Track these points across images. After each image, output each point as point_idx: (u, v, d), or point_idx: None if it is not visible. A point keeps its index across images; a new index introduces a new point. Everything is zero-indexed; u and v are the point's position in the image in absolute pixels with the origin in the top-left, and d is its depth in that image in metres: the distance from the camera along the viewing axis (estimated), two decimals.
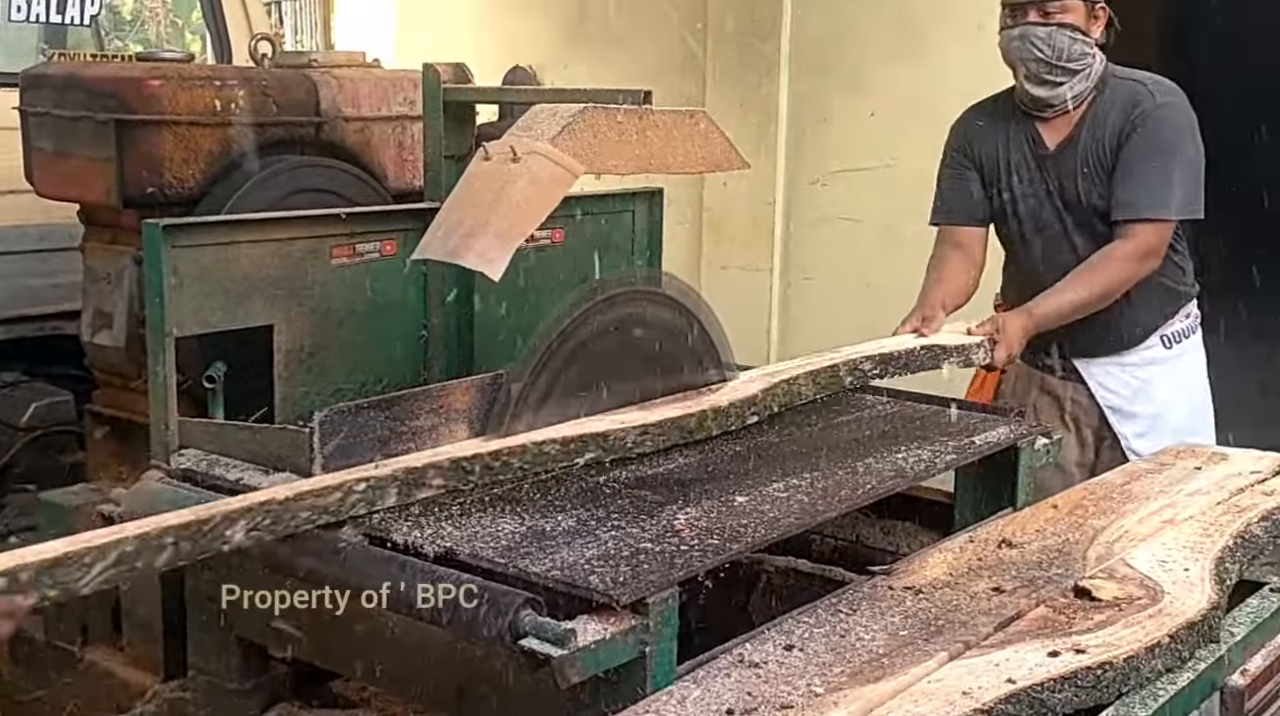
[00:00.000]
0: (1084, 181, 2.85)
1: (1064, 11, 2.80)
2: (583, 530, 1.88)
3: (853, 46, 4.56)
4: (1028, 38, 2.80)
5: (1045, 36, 2.79)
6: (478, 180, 2.10)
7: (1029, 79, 2.85)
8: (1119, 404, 2.97)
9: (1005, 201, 2.97)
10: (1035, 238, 2.95)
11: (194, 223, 2.34)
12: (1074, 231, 2.90)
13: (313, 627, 2.02)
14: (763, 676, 1.63)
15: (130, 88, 2.63)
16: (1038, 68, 2.82)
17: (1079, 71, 2.82)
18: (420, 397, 2.19)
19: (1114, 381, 2.97)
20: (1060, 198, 2.90)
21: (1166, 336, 2.97)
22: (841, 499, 2.08)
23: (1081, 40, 2.81)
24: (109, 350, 2.77)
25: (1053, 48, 2.80)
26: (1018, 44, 2.82)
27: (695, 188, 4.94)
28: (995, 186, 2.99)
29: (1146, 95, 2.83)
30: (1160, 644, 1.69)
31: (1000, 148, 2.97)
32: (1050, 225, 2.93)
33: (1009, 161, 2.95)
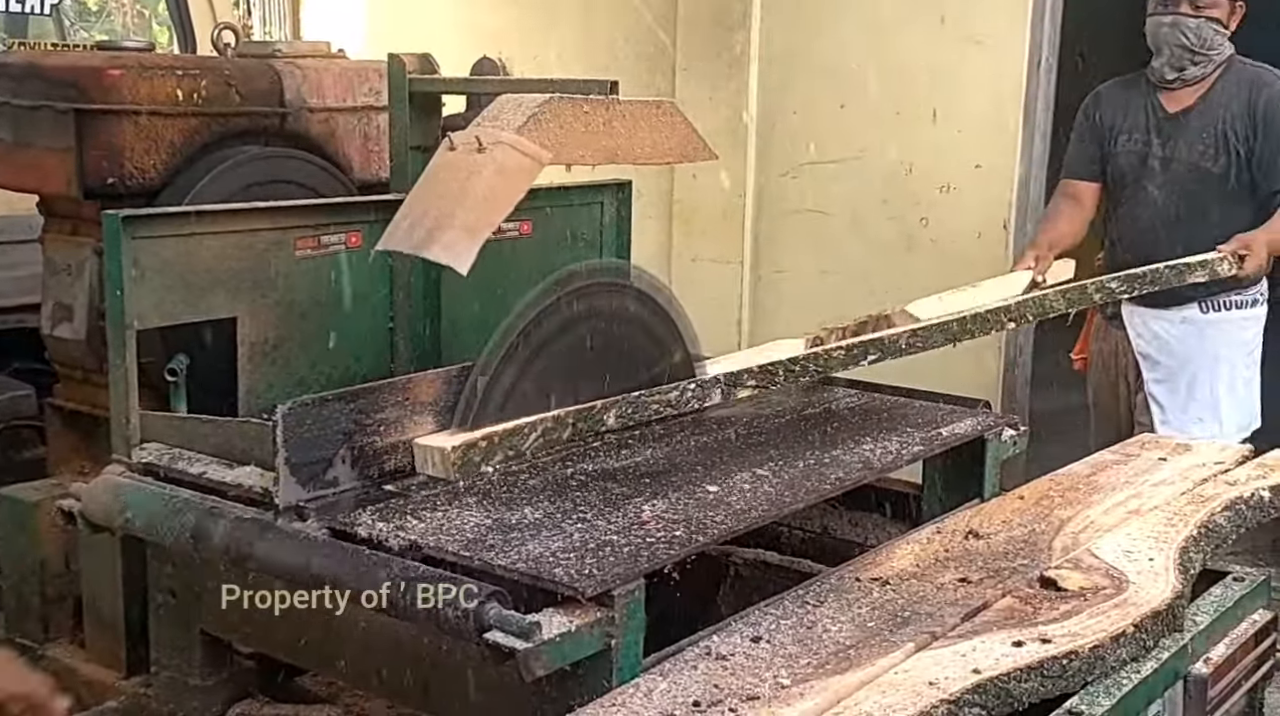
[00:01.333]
0: (1198, 144, 3.25)
1: (1213, 6, 3.22)
2: (549, 523, 1.87)
3: (822, 38, 4.56)
4: (1179, 26, 3.21)
5: (1195, 27, 3.21)
6: (443, 171, 2.08)
7: (1170, 61, 3.25)
8: (1147, 352, 3.36)
9: (1113, 155, 3.40)
10: (1127, 189, 3.37)
11: (155, 214, 2.31)
12: (1159, 188, 3.31)
13: (277, 622, 2.00)
14: (729, 668, 1.63)
15: (90, 77, 2.59)
16: (1181, 53, 3.23)
17: (1212, 58, 3.24)
18: (386, 390, 2.16)
19: (1148, 331, 3.36)
20: (1161, 155, 3.31)
21: (1207, 302, 3.29)
22: (809, 490, 2.08)
23: (1221, 32, 3.24)
24: (69, 343, 2.73)
25: (1199, 37, 3.21)
26: (1168, 30, 3.23)
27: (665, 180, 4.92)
28: (1109, 145, 3.41)
29: (1273, 76, 3.24)
30: (1125, 633, 1.70)
31: (1121, 112, 3.40)
32: (1138, 180, 3.34)
33: (1124, 123, 3.37)
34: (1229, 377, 3.33)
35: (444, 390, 2.20)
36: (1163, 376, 3.33)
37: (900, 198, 4.41)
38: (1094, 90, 3.53)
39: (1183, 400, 3.32)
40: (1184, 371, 3.31)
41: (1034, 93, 4.14)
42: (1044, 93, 4.17)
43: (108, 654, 2.39)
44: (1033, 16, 4.09)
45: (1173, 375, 3.32)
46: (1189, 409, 3.30)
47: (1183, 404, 3.31)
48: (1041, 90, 4.15)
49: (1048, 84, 4.17)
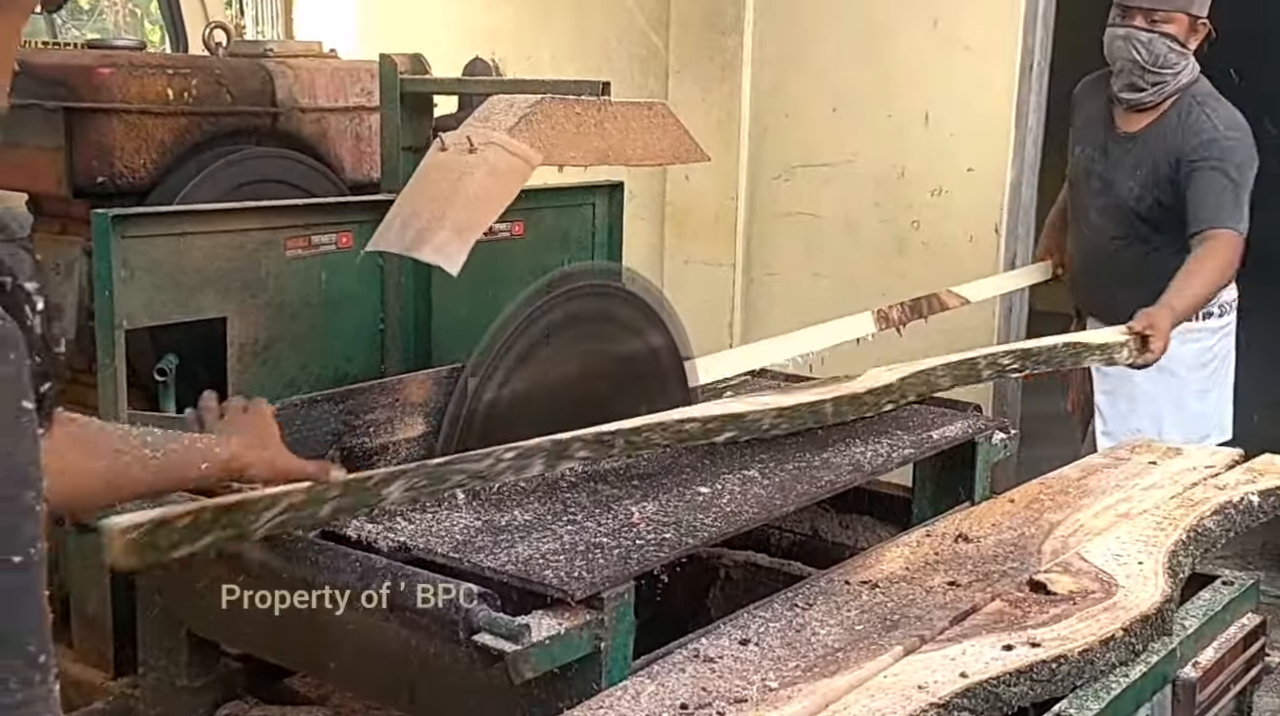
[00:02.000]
0: (1130, 178, 3.15)
1: (1169, 22, 3.05)
2: (538, 524, 1.87)
3: (815, 42, 4.56)
4: (1131, 39, 3.07)
5: (1146, 42, 3.05)
6: (434, 172, 2.08)
7: (1123, 78, 3.13)
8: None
9: (1071, 161, 3.36)
10: (1076, 200, 3.34)
11: (145, 213, 2.30)
12: (1097, 212, 3.24)
13: (265, 623, 1.99)
14: (717, 671, 1.63)
15: (80, 75, 2.58)
16: (1132, 68, 3.09)
17: (1166, 80, 3.09)
18: (376, 391, 2.17)
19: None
20: (1102, 176, 3.22)
21: None
22: (799, 493, 2.07)
23: (1178, 51, 3.06)
24: None
25: (1150, 53, 3.06)
26: (1120, 43, 3.09)
27: (657, 182, 4.93)
28: (1071, 147, 3.36)
29: (1212, 127, 3.06)
30: (1114, 637, 1.70)
31: (1086, 116, 3.33)
32: (1083, 196, 3.29)
33: (1084, 130, 3.31)
34: (1175, 391, 3.20)
35: (434, 391, 2.20)
36: (1108, 387, 3.25)
37: (892, 201, 4.42)
38: (1080, 83, 3.45)
39: (1124, 411, 3.22)
40: (1127, 382, 3.18)
41: (1025, 97, 4.15)
42: (1036, 97, 4.18)
43: (95, 654, 2.38)
44: (1024, 21, 4.10)
45: (1116, 386, 3.22)
46: (1129, 420, 3.19)
47: (1123, 414, 3.22)
48: (1033, 94, 4.16)
49: (1039, 88, 4.19)
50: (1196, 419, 3.24)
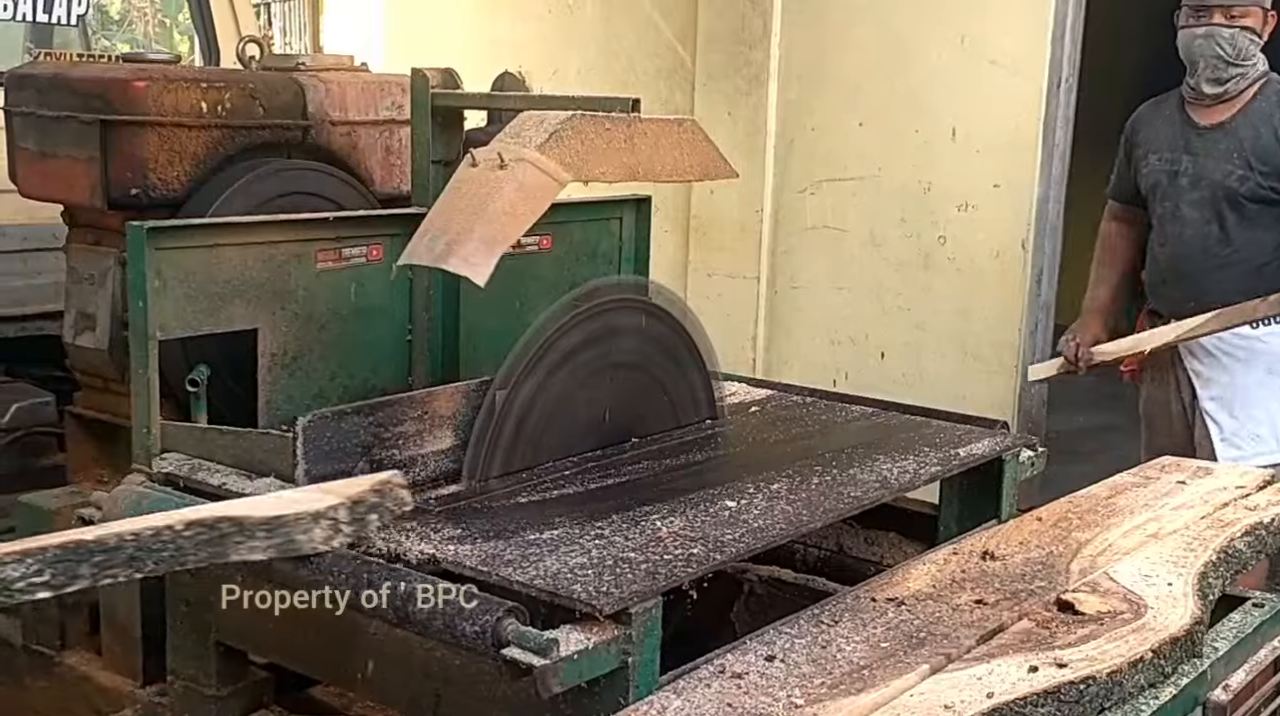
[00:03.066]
0: (1225, 163, 3.20)
1: (1246, 15, 3.17)
2: (567, 539, 1.88)
3: (842, 56, 4.57)
4: (1213, 37, 3.17)
5: (1229, 37, 3.16)
6: (465, 186, 2.10)
7: (1207, 74, 3.20)
8: (1200, 370, 3.31)
9: (1144, 174, 3.36)
10: (1158, 206, 3.33)
11: (178, 225, 2.32)
12: (1189, 205, 3.26)
13: (293, 633, 2.00)
14: (744, 687, 1.63)
15: (116, 88, 2.61)
16: (1217, 64, 3.18)
17: (1248, 69, 3.19)
18: (405, 403, 2.18)
19: (1198, 346, 3.29)
20: (1191, 174, 3.25)
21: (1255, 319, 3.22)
22: (826, 509, 2.07)
23: (1256, 41, 3.19)
24: (91, 352, 2.75)
25: (1234, 47, 3.16)
26: (1202, 42, 3.18)
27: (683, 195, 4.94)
28: (1140, 164, 3.38)
29: None
30: (1143, 659, 1.69)
31: (1154, 128, 3.37)
32: (1169, 197, 3.29)
33: (1157, 139, 3.34)
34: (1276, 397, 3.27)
35: (462, 404, 2.21)
36: (1217, 393, 3.29)
37: (918, 216, 4.41)
38: (1137, 110, 3.51)
39: (1239, 418, 3.26)
40: (1237, 387, 3.26)
41: (1054, 112, 4.14)
42: (1063, 112, 4.17)
43: (124, 662, 2.39)
44: (1052, 36, 4.10)
45: (1226, 391, 3.27)
46: (1245, 426, 3.25)
47: (1239, 421, 3.26)
48: (1061, 110, 4.16)
49: (1067, 103, 4.18)
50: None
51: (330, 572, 1.79)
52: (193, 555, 1.63)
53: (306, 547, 1.71)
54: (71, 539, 1.55)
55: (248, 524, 1.67)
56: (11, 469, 3.13)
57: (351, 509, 1.75)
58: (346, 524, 1.74)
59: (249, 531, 1.67)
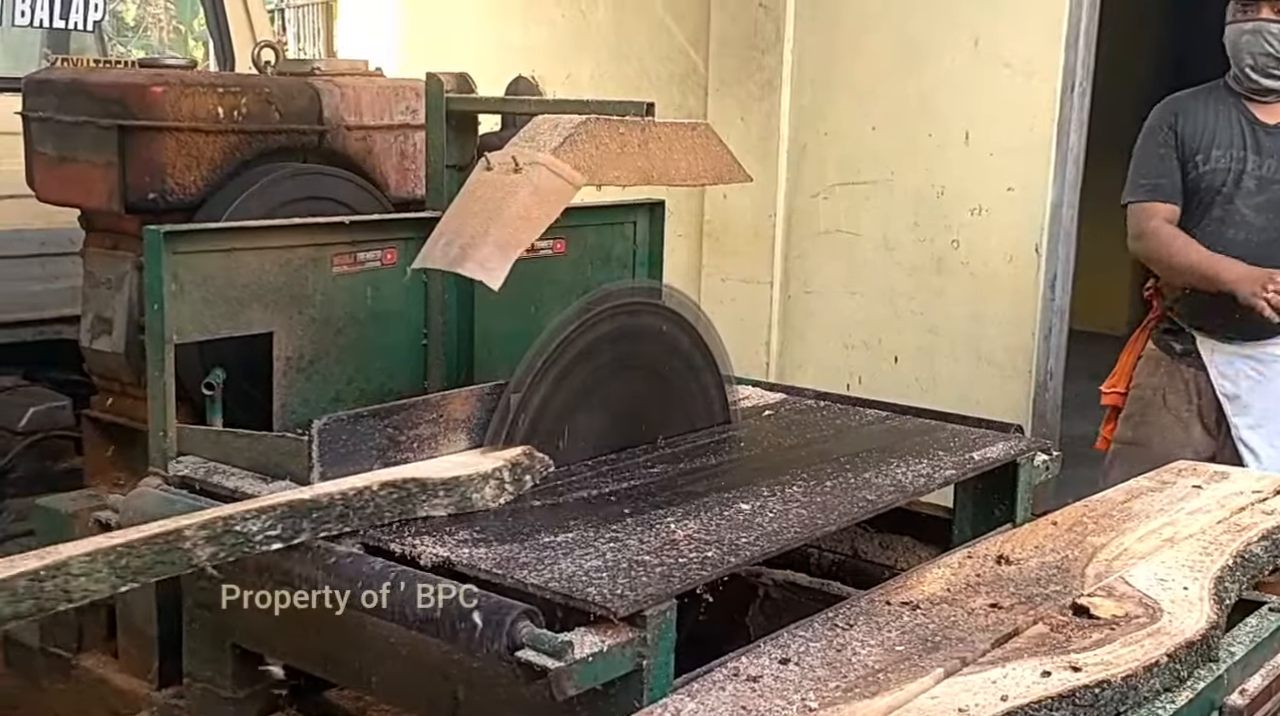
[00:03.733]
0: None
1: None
2: (582, 541, 1.88)
3: (855, 60, 4.57)
4: (1261, 32, 3.04)
5: (1279, 33, 3.03)
6: (479, 190, 2.11)
7: (1256, 70, 3.07)
8: (1235, 392, 3.10)
9: (1201, 173, 3.13)
10: (1214, 208, 3.12)
11: (195, 229, 2.34)
12: (1252, 209, 3.09)
13: (309, 636, 2.01)
14: (758, 690, 1.63)
15: (134, 94, 2.63)
16: (1267, 61, 3.05)
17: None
18: (420, 406, 2.18)
19: (1234, 370, 3.10)
20: (1259, 176, 3.09)
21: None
22: (841, 513, 2.07)
23: None
24: (108, 356, 2.76)
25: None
26: (1249, 37, 3.06)
27: (695, 199, 4.94)
28: (1192, 160, 3.14)
29: None
30: (1159, 663, 1.68)
31: (1208, 122, 3.15)
32: (1230, 199, 3.10)
33: (1215, 134, 3.13)
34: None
35: (477, 407, 2.22)
36: (1256, 421, 3.06)
37: (931, 220, 4.41)
38: (1167, 101, 3.27)
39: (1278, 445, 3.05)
40: (1273, 416, 3.03)
41: (1067, 116, 4.13)
42: (1077, 116, 4.16)
43: (140, 665, 2.40)
44: (1066, 40, 4.09)
45: (1269, 418, 3.04)
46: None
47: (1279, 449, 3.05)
48: (1075, 113, 4.15)
49: (1081, 107, 4.17)
50: None
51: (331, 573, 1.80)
52: (388, 511, 1.88)
53: (479, 504, 1.96)
54: (295, 498, 1.82)
55: (430, 484, 1.93)
56: (29, 472, 3.15)
57: (512, 469, 2.03)
58: (510, 483, 2.03)
59: (432, 490, 1.93)
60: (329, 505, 1.83)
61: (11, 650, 2.63)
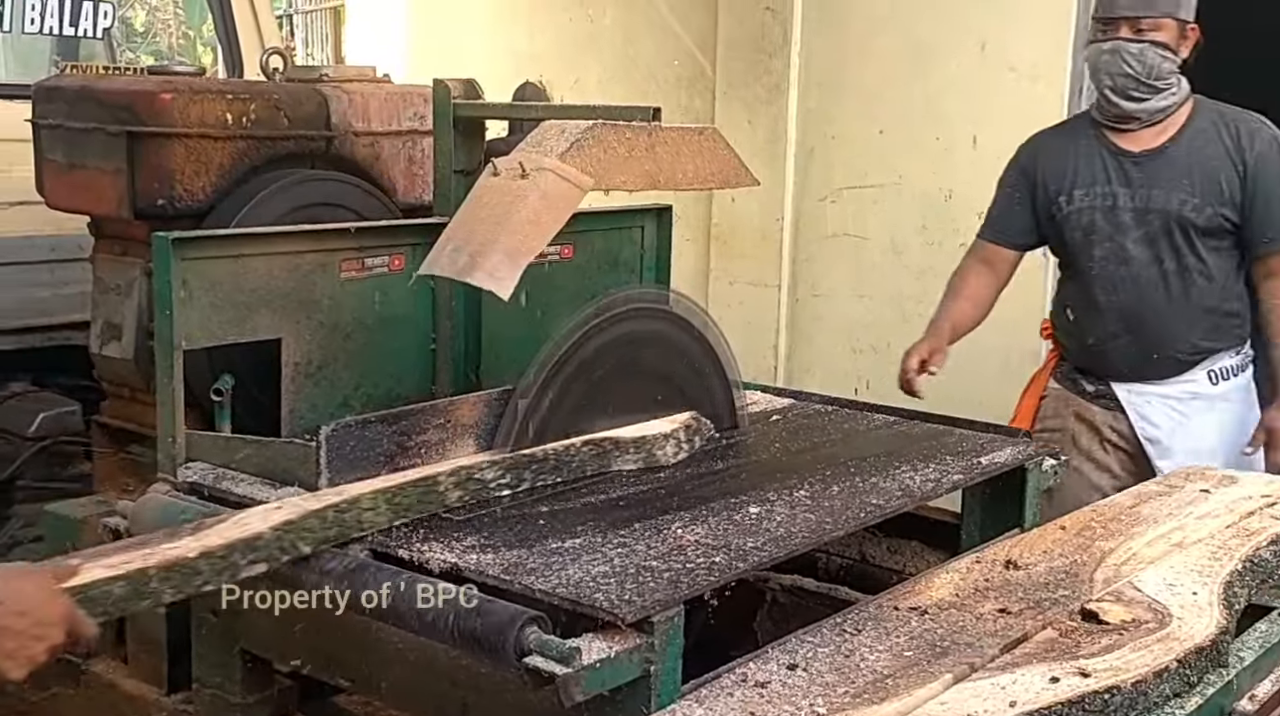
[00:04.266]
0: (1179, 191, 2.85)
1: (1156, 29, 2.82)
2: (589, 547, 1.88)
3: (862, 64, 4.57)
4: (1119, 52, 2.83)
5: (1137, 53, 2.82)
6: (487, 196, 2.11)
7: (1115, 92, 2.87)
8: (1157, 436, 2.93)
9: (1066, 214, 2.96)
10: (1095, 248, 2.94)
11: (203, 235, 2.35)
12: (1136, 243, 2.89)
13: (318, 642, 2.01)
14: (766, 696, 1.63)
15: (143, 101, 2.64)
16: (1125, 83, 2.84)
17: (1164, 89, 2.85)
18: (428, 412, 2.19)
19: (1154, 412, 2.93)
20: (1134, 208, 2.89)
21: (1213, 372, 2.92)
22: (849, 518, 2.07)
23: (1170, 59, 2.83)
24: (117, 362, 2.77)
25: (1143, 64, 2.82)
26: (1108, 58, 2.85)
27: (703, 203, 4.95)
28: (1055, 203, 2.97)
29: (1257, 122, 2.88)
30: (1168, 668, 1.68)
31: (1070, 161, 2.97)
32: (1110, 237, 2.91)
33: (1077, 172, 2.95)
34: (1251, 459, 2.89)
35: (485, 413, 2.22)
36: (1180, 463, 2.83)
37: (939, 223, 4.40)
38: (1028, 140, 3.10)
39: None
40: (1204, 457, 2.81)
41: None
42: None
43: (150, 671, 2.41)
44: (1074, 43, 4.09)
45: (1193, 459, 2.80)
46: None
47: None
48: None
49: None
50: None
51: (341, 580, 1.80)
52: (590, 465, 2.20)
53: (663, 460, 2.29)
54: (520, 454, 2.14)
55: (622, 443, 2.25)
56: (38, 477, 3.16)
57: (686, 430, 2.33)
58: (685, 442, 2.33)
59: (624, 448, 2.25)
60: (544, 458, 2.15)
61: None
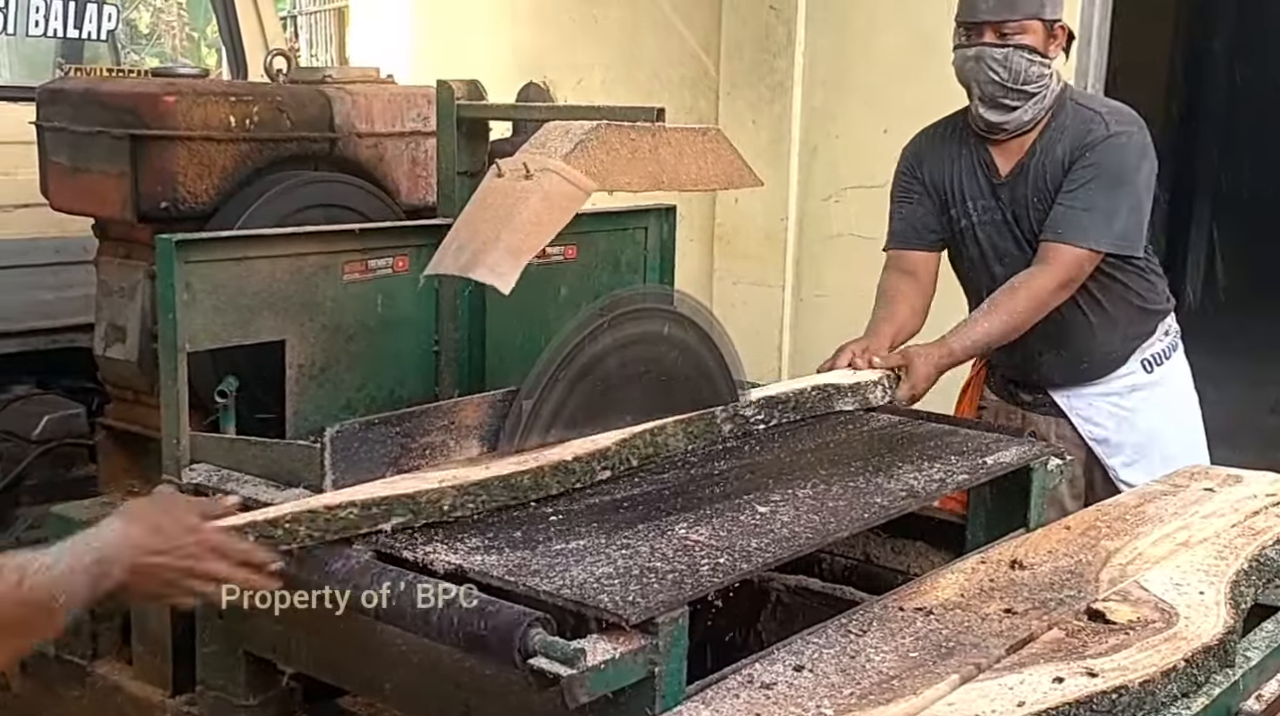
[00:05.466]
0: (1034, 211, 2.77)
1: (1022, 32, 2.71)
2: (593, 548, 1.88)
3: (864, 63, 4.57)
4: (983, 59, 2.72)
5: (1002, 59, 2.71)
6: (491, 196, 2.11)
7: (983, 101, 2.76)
8: (1104, 435, 2.90)
9: (964, 228, 2.89)
10: (996, 266, 2.86)
11: (207, 238, 2.34)
12: (1008, 265, 2.82)
13: (322, 643, 2.01)
14: (772, 697, 1.62)
15: (146, 103, 2.64)
16: (993, 90, 2.73)
17: (1035, 94, 2.74)
18: (432, 413, 2.19)
19: (1097, 413, 2.91)
20: (1016, 226, 2.82)
21: (1146, 359, 2.90)
22: (853, 518, 2.07)
23: (1039, 62, 2.72)
24: (121, 364, 2.77)
25: (1009, 70, 2.71)
26: (973, 65, 2.74)
27: (707, 203, 4.95)
28: (951, 212, 2.90)
29: (1100, 123, 2.74)
30: (1175, 668, 1.68)
31: (953, 172, 2.88)
32: (1009, 253, 2.83)
33: (964, 188, 2.86)
34: (1190, 429, 2.94)
35: (489, 414, 2.22)
36: (1132, 457, 2.86)
37: None
38: (910, 142, 3.03)
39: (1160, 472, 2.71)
40: (1154, 443, 2.85)
41: None
42: None
43: (155, 672, 2.41)
44: (1078, 41, 4.08)
45: (1143, 452, 2.83)
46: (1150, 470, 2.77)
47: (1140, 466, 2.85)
48: None
49: None
50: (1203, 448, 2.96)
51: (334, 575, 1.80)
52: (819, 406, 2.55)
53: (873, 402, 2.63)
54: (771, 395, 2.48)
55: (843, 387, 2.59)
56: (43, 480, 3.17)
57: (887, 379, 2.65)
58: (886, 389, 2.65)
59: (844, 392, 2.59)
60: (787, 399, 2.48)
61: (26, 658, 2.64)
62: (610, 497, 2.12)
